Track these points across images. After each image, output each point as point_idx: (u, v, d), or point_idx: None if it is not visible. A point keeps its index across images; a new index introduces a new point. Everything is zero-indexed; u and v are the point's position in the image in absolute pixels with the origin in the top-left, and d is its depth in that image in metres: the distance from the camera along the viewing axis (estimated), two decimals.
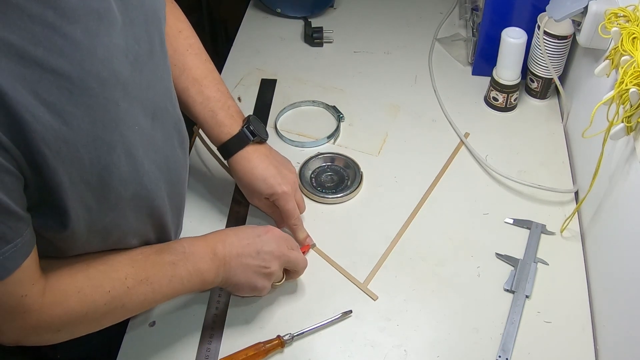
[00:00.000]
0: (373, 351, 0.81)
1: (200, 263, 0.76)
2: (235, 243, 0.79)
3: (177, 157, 0.78)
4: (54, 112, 0.54)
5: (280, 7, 1.39)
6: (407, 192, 1.02)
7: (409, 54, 1.30)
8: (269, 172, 0.90)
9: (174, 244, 0.77)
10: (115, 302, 0.69)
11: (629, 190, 0.79)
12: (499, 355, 0.81)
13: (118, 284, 0.69)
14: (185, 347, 0.82)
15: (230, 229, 0.83)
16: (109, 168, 0.62)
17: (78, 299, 0.66)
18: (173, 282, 0.74)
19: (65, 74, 0.55)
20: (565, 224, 0.95)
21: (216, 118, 0.90)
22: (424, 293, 0.88)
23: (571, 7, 0.95)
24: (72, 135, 0.56)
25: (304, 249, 0.92)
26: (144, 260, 0.73)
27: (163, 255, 0.74)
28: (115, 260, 0.71)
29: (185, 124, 0.81)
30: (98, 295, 0.67)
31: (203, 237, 0.79)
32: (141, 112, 0.67)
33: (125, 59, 0.63)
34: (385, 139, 1.12)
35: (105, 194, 0.63)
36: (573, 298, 0.87)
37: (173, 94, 0.77)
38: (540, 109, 1.17)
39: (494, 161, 1.06)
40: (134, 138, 0.65)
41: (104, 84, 0.59)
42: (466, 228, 0.97)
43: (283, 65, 1.27)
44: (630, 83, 0.73)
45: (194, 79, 0.89)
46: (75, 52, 0.56)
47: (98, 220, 0.65)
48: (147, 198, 0.71)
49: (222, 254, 0.78)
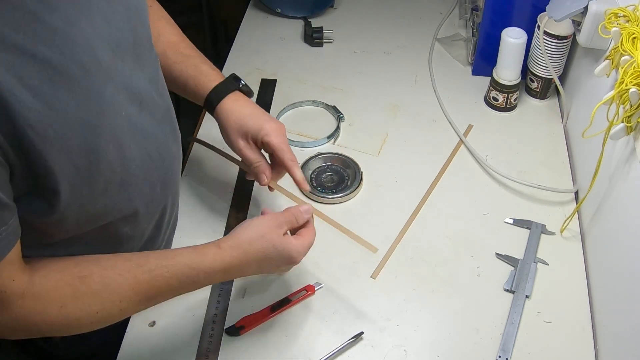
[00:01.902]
0: (373, 351, 0.81)
1: (208, 282, 0.74)
2: (251, 271, 0.76)
3: (168, 145, 0.77)
4: (38, 97, 0.55)
5: (280, 7, 1.39)
6: (407, 192, 1.02)
7: (409, 54, 1.30)
8: (258, 111, 0.87)
9: (189, 271, 0.70)
10: (104, 320, 0.66)
11: (629, 190, 0.79)
12: (499, 355, 0.81)
13: (110, 306, 0.65)
14: (185, 347, 0.82)
15: (258, 252, 0.74)
16: (97, 153, 0.62)
17: (59, 313, 0.62)
18: (170, 297, 0.72)
19: (46, 60, 0.55)
20: (565, 224, 0.95)
21: (200, 69, 0.89)
22: (424, 293, 0.88)
23: (571, 7, 0.95)
24: (57, 119, 0.57)
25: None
26: (147, 283, 0.67)
27: (172, 283, 0.69)
28: (114, 279, 0.66)
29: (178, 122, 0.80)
30: (83, 315, 0.64)
31: (223, 268, 0.72)
32: (127, 99, 0.67)
33: (108, 46, 0.63)
34: (385, 139, 1.12)
35: (95, 179, 0.63)
36: (573, 298, 0.87)
37: (160, 84, 0.77)
38: (540, 109, 1.17)
39: (494, 161, 1.06)
40: (120, 124, 0.65)
41: (85, 70, 0.59)
42: (466, 228, 0.97)
43: (283, 65, 1.27)
44: (630, 83, 0.73)
45: (170, 42, 0.89)
46: (54, 38, 0.56)
47: (89, 205, 0.65)
48: (136, 185, 0.70)
49: (233, 277, 0.77)
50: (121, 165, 0.66)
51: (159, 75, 0.77)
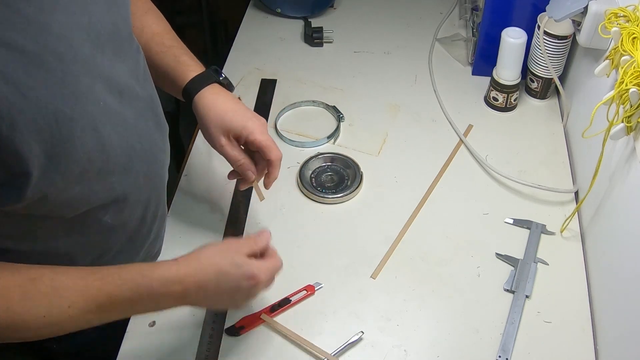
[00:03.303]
0: (373, 351, 0.81)
1: (164, 305, 0.70)
2: (210, 290, 0.70)
3: (152, 137, 0.77)
4: (9, 84, 0.55)
5: (280, 7, 1.39)
6: (407, 192, 1.02)
7: (409, 54, 1.30)
8: (240, 107, 0.84)
9: (140, 278, 0.67)
10: (51, 327, 0.64)
11: (629, 190, 0.79)
12: (499, 355, 0.81)
13: (58, 311, 0.63)
14: (185, 347, 0.82)
15: (213, 265, 0.71)
16: (72, 141, 0.62)
17: (5, 315, 0.61)
18: (123, 314, 0.70)
19: (19, 48, 0.56)
20: (565, 224, 0.95)
21: (179, 60, 0.87)
22: (424, 293, 0.88)
23: (571, 7, 0.95)
24: (29, 107, 0.57)
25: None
26: (98, 289, 0.65)
27: (123, 290, 0.66)
28: (64, 284, 0.64)
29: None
30: (30, 318, 0.63)
31: (179, 278, 0.68)
32: (106, 89, 0.67)
33: (87, 37, 0.63)
34: (385, 139, 1.12)
35: (70, 167, 0.63)
36: (573, 298, 0.87)
37: (141, 76, 0.76)
38: (540, 109, 1.17)
39: (494, 161, 1.06)
40: (99, 113, 0.65)
41: (61, 59, 0.60)
42: (466, 228, 0.97)
43: (283, 65, 1.27)
44: (630, 83, 0.73)
45: (154, 33, 0.88)
46: (28, 27, 0.57)
47: (63, 192, 0.64)
48: (115, 173, 0.70)
49: (192, 299, 0.70)
50: (100, 154, 0.66)
51: (140, 67, 0.77)
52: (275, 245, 0.76)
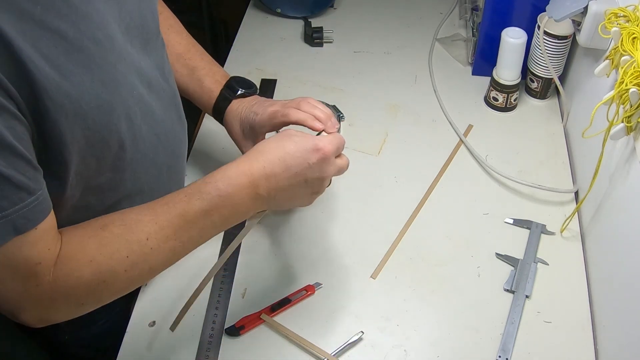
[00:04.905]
0: (373, 351, 0.81)
1: (240, 206, 0.68)
2: (281, 175, 0.68)
3: (176, 130, 0.79)
4: (54, 67, 0.56)
5: (280, 7, 1.39)
6: (407, 192, 1.02)
7: (409, 54, 1.30)
8: (257, 108, 0.86)
9: (204, 185, 0.66)
10: (139, 266, 0.63)
11: (629, 190, 0.79)
12: (499, 355, 0.81)
13: (138, 247, 0.62)
14: (185, 347, 0.82)
15: (275, 149, 0.69)
16: (110, 128, 0.63)
17: (92, 269, 0.60)
18: (205, 231, 0.67)
19: (62, 33, 0.56)
20: (565, 224, 0.95)
21: (203, 86, 0.91)
22: (424, 293, 0.88)
23: (571, 7, 0.95)
24: (74, 91, 0.57)
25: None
26: (168, 213, 0.64)
27: (192, 203, 0.65)
28: (135, 219, 0.64)
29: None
30: (115, 263, 0.61)
31: (242, 171, 0.67)
32: (137, 79, 0.68)
33: (118, 27, 0.65)
34: (385, 139, 1.12)
35: (105, 153, 0.64)
36: (573, 298, 0.87)
37: (166, 71, 0.78)
38: (540, 109, 1.17)
39: (494, 161, 1.06)
40: (133, 103, 0.67)
41: (99, 46, 0.61)
42: (466, 228, 0.97)
43: (283, 65, 1.27)
44: (630, 83, 0.73)
45: (177, 54, 0.91)
46: (71, 13, 0.58)
47: (94, 178, 0.66)
48: (144, 164, 0.71)
49: (266, 191, 0.68)
50: (132, 143, 0.67)
51: (165, 62, 0.79)
52: (275, 245, 0.76)
